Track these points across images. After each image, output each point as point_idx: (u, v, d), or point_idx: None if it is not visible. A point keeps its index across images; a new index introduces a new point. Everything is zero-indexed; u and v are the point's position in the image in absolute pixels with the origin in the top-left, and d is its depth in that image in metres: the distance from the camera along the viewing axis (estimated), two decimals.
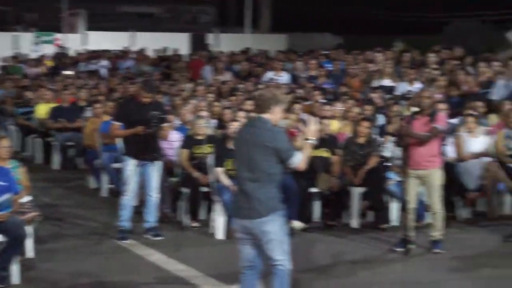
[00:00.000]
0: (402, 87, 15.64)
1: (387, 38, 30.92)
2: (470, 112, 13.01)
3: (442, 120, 10.25)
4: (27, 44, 32.55)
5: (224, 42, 33.95)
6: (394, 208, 11.67)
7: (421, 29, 36.35)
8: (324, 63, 19.52)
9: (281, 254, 7.11)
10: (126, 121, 10.76)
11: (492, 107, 14.27)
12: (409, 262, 9.79)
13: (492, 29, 33.35)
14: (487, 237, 11.06)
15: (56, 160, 16.48)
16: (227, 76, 19.76)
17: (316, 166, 11.51)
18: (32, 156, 17.28)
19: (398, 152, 10.99)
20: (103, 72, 24.20)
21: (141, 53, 27.60)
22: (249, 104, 13.24)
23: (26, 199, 9.75)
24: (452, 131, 12.87)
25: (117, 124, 10.91)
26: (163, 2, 48.78)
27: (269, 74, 18.99)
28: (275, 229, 7.06)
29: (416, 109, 10.52)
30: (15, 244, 8.78)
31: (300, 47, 28.86)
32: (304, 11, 41.26)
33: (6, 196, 8.77)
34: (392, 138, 11.84)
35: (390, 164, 11.85)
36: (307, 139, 7.19)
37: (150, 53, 27.87)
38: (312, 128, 7.19)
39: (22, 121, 17.74)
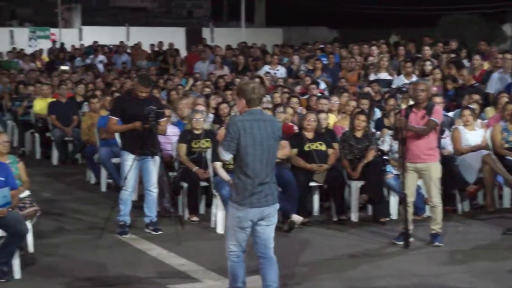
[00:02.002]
0: (399, 81, 15.66)
1: (382, 31, 31.02)
2: (467, 105, 13.05)
3: (439, 113, 10.25)
4: (23, 39, 32.54)
5: (219, 37, 33.92)
6: (393, 202, 11.70)
7: (416, 21, 36.35)
8: (320, 57, 19.54)
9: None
10: (123, 116, 10.77)
11: (489, 100, 14.32)
12: (409, 255, 9.78)
13: (488, 21, 33.37)
14: (486, 230, 11.07)
15: (55, 155, 16.47)
16: (225, 70, 19.80)
17: (313, 159, 11.56)
18: (31, 151, 17.30)
19: (395, 145, 11.01)
20: (100, 67, 24.22)
21: (136, 48, 27.60)
22: None
23: (25, 194, 9.76)
24: (449, 124, 12.91)
25: (114, 119, 10.89)
26: None
27: (265, 68, 19.05)
28: None
29: (412, 102, 10.54)
30: (16, 239, 8.77)
31: (296, 41, 28.90)
32: (299, 5, 41.22)
33: (4, 191, 8.74)
34: (389, 132, 11.84)
35: (387, 157, 11.87)
36: None
37: (146, 48, 27.86)
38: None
39: (22, 110, 17.54)
